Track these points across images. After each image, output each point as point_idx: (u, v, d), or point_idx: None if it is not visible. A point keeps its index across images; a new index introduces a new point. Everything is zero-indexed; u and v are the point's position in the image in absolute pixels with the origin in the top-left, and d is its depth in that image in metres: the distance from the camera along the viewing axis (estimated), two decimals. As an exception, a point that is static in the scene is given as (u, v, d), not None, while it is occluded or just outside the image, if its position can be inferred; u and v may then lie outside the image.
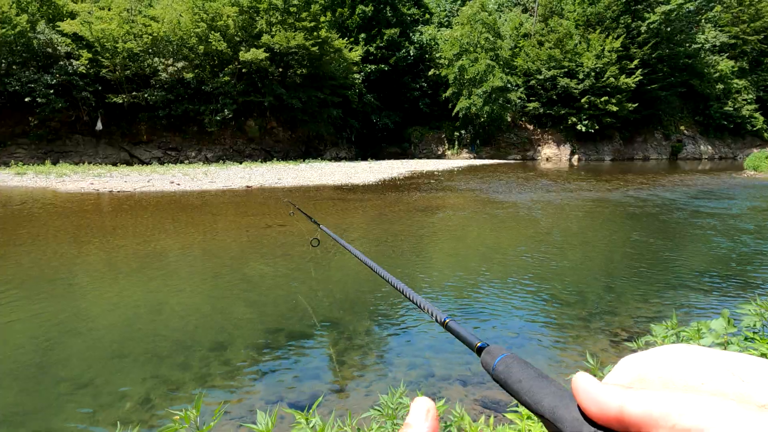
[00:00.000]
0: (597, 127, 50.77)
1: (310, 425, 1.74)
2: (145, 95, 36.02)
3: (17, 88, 32.54)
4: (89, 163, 32.66)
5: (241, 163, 36.13)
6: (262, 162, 37.11)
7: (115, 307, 6.39)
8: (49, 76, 33.45)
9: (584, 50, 50.39)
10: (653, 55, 50.94)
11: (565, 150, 52.69)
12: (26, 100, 32.73)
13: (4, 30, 31.54)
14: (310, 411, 1.90)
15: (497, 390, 3.99)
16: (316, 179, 24.24)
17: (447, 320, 0.54)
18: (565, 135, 52.87)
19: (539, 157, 52.78)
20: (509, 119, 52.48)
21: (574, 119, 50.93)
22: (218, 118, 37.68)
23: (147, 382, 4.40)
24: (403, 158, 48.43)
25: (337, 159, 44.91)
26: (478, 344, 0.46)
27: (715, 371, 0.34)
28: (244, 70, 38.37)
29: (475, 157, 50.66)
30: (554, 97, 51.41)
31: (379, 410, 2.04)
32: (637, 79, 49.21)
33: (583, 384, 0.33)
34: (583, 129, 50.77)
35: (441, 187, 21.91)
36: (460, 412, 2.12)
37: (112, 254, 9.25)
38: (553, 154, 52.76)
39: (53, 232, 11.34)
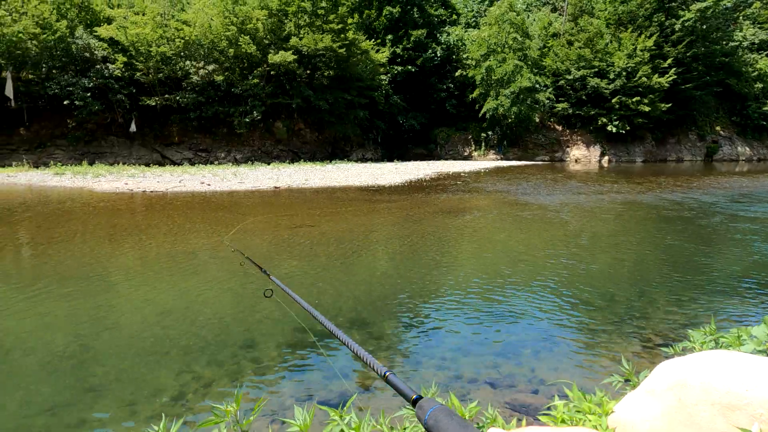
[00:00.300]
0: (628, 127, 49.63)
1: (345, 422, 1.76)
2: (177, 97, 36.89)
3: (57, 91, 33.78)
4: (123, 163, 33.61)
5: (269, 164, 36.63)
6: (289, 163, 37.55)
7: (148, 304, 6.56)
8: (86, 79, 34.62)
9: (615, 49, 49.34)
10: (688, 54, 49.53)
11: (595, 151, 51.71)
12: (65, 102, 33.96)
13: (45, 35, 32.76)
14: (344, 408, 1.93)
15: (527, 394, 3.96)
16: (343, 180, 24.39)
17: (387, 374, 0.59)
18: (594, 136, 51.89)
19: (568, 159, 51.93)
20: (537, 120, 51.82)
21: (605, 120, 49.93)
22: (247, 119, 38.31)
23: (181, 377, 4.51)
24: (430, 159, 48.30)
25: (364, 160, 45.10)
26: (414, 396, 0.47)
27: (759, 378, 0.34)
28: (272, 73, 38.90)
29: (502, 159, 50.17)
30: (584, 97, 50.53)
31: (410, 410, 2.06)
32: (671, 78, 47.91)
33: None
34: (614, 130, 49.70)
35: (467, 188, 21.78)
36: (492, 413, 2.12)
37: (145, 252, 9.51)
38: (582, 156, 51.84)
39: (90, 230, 11.72)
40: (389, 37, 50.04)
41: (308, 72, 40.28)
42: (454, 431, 0.40)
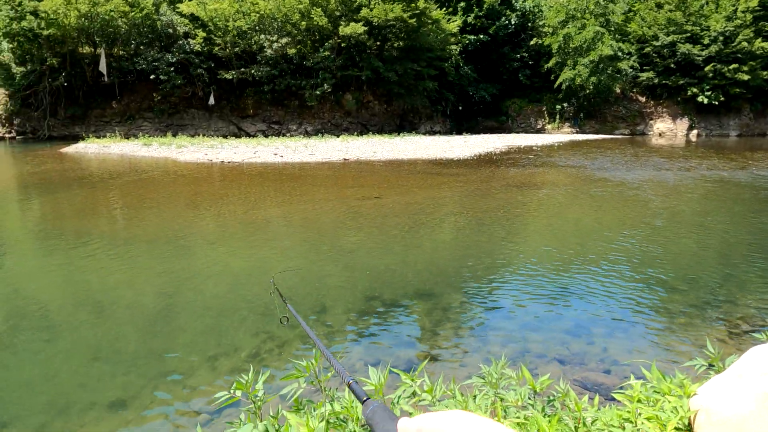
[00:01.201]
0: (722, 98, 45.29)
1: (417, 384, 1.82)
2: (252, 71, 38.11)
3: (144, 66, 36.01)
4: (203, 135, 35.40)
5: (338, 136, 37.20)
6: (358, 135, 37.91)
7: (226, 268, 6.99)
8: (169, 54, 36.59)
9: (712, 12, 44.85)
10: (799, 15, 44.12)
11: (682, 124, 47.91)
12: (151, 77, 36.15)
13: (133, 13, 34.80)
14: (416, 372, 1.98)
15: (599, 373, 3.86)
16: (411, 153, 24.33)
17: (350, 381, 0.69)
18: (682, 107, 47.96)
19: (651, 132, 48.52)
20: (618, 90, 48.59)
21: (695, 90, 45.87)
22: (318, 92, 38.92)
23: (257, 336, 4.80)
24: (500, 132, 46.92)
25: (432, 133, 44.64)
26: (364, 398, 0.60)
27: None
28: (343, 45, 39.07)
29: (577, 132, 47.77)
30: (672, 65, 46.56)
31: (482, 378, 2.08)
32: (777, 42, 43.02)
33: (402, 421, 0.49)
34: (705, 101, 45.61)
35: (539, 162, 21.04)
36: (564, 387, 2.10)
37: (223, 219, 10.07)
38: (667, 129, 48.25)
39: (174, 197, 12.55)
40: (461, 5, 48.43)
41: (378, 43, 40.05)
42: (381, 418, 0.52)
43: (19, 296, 5.93)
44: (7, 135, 36.19)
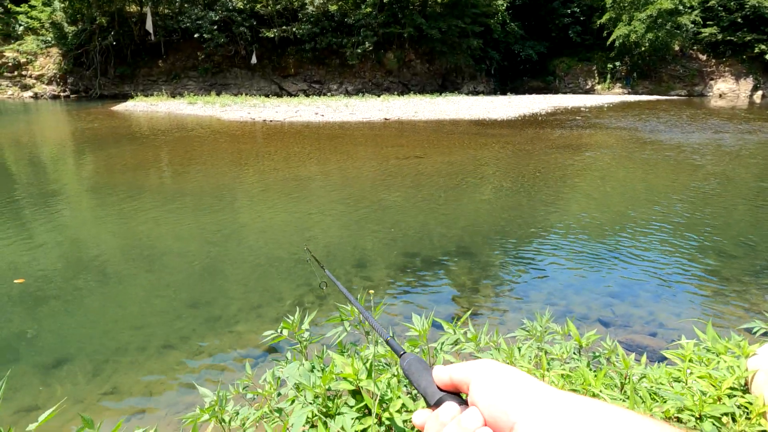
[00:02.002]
0: (794, 56, 41.83)
1: (461, 332, 1.82)
2: (294, 29, 37.79)
3: (188, 24, 36.28)
4: (246, 94, 35.70)
5: (379, 96, 36.74)
6: (399, 95, 37.33)
7: (268, 223, 7.14)
8: (213, 12, 36.64)
9: (789, -41, 40.88)
10: None
11: (746, 84, 44.70)
12: (195, 36, 36.42)
13: (176, -30, 34.82)
14: (459, 322, 1.98)
15: (644, 335, 3.77)
16: (453, 113, 23.82)
17: (387, 338, 0.71)
18: (747, 66, 44.61)
19: (710, 93, 45.55)
20: (676, 48, 45.54)
21: (763, 47, 42.43)
22: (359, 50, 38.32)
23: (299, 288, 4.92)
24: (546, 93, 45.15)
25: (475, 93, 43.43)
26: (401, 352, 0.63)
27: None
28: (385, 1, 38.02)
29: (629, 93, 45.39)
30: (739, 20, 43.05)
31: (526, 331, 2.06)
32: None
33: (435, 369, 0.52)
34: (774, 59, 42.24)
35: (587, 124, 20.20)
36: (611, 344, 2.05)
37: (265, 176, 10.23)
38: (728, 90, 45.17)
39: (218, 154, 12.81)
40: (510, -44, 45.99)
41: (421, -1, 38.79)
42: (416, 369, 0.56)
43: (78, 245, 6.27)
44: (62, 93, 37.58)
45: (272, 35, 37.61)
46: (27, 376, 3.46)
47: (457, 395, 0.49)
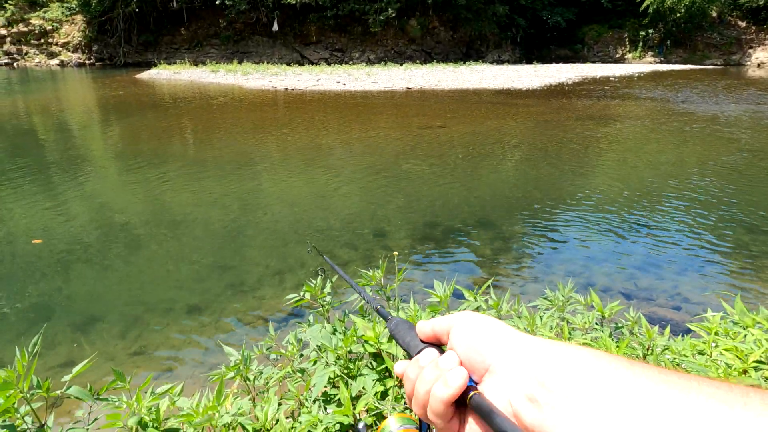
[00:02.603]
0: (842, 23, 39.51)
1: (483, 299, 1.82)
2: (315, -5, 37.14)
3: (209, -9, 35.97)
4: (267, 62, 35.49)
5: (401, 64, 36.13)
6: (421, 64, 36.64)
7: (288, 191, 7.18)
8: (234, -22, 36.18)
9: None
10: None
11: (788, 54, 42.52)
12: (217, 2, 36.10)
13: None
14: (479, 292, 1.97)
15: (668, 309, 3.73)
16: (476, 83, 23.33)
17: (377, 306, 0.74)
18: (791, 34, 42.35)
19: (748, 62, 43.50)
20: (714, 14, 43.40)
21: (809, 13, 40.14)
22: (381, 17, 37.54)
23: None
24: (574, 62, 43.74)
25: (500, 62, 42.35)
26: (388, 317, 0.65)
27: None
28: (409, -35, 37.00)
29: (662, 62, 43.68)
30: (784, -16, 40.69)
31: (548, 300, 2.05)
32: None
33: (418, 324, 0.53)
34: (820, 26, 39.98)
35: (616, 94, 19.58)
36: (634, 315, 2.03)
37: (286, 145, 10.24)
38: (768, 59, 43.08)
39: (240, 122, 12.85)
40: None
41: (446, -37, 37.56)
42: (402, 328, 0.58)
43: (105, 210, 6.42)
44: (87, 61, 37.92)
45: (294, 2, 37.02)
46: (60, 334, 3.61)
47: (437, 346, 0.52)
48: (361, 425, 0.69)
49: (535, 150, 9.76)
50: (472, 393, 0.42)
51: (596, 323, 2.07)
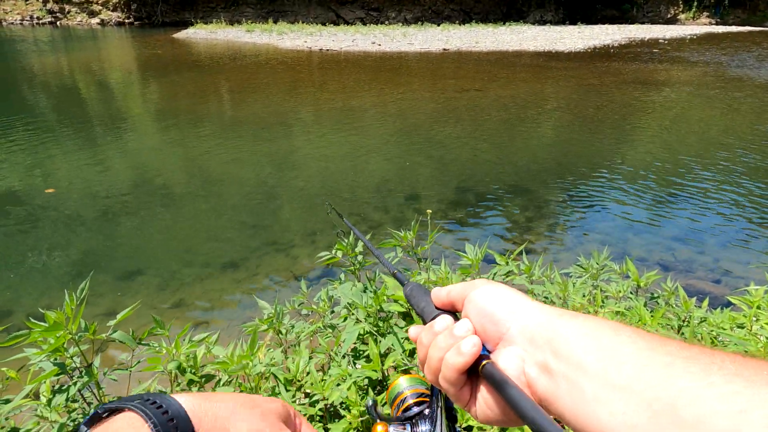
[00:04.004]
0: None
1: (515, 264, 1.80)
2: (352, -49, 36.12)
3: (245, -53, 35.36)
4: (302, 22, 35.07)
5: (438, 25, 35.10)
6: (459, 24, 35.50)
7: (322, 154, 7.19)
8: (269, -66, 35.43)
9: None
10: None
11: None
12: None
13: None
14: (511, 257, 1.95)
15: (707, 282, 3.62)
16: (516, 44, 22.49)
17: (394, 271, 0.73)
18: None
19: (814, 25, 40.32)
20: (781, -29, 40.13)
21: None
22: (419, -25, 36.33)
23: (351, 218, 5.01)
24: (621, 23, 41.51)
25: (542, 22, 40.60)
26: (405, 281, 0.64)
27: None
28: None
29: (717, 23, 40.97)
30: None
31: (582, 268, 2.01)
32: None
33: (433, 290, 0.54)
34: None
35: (665, 58, 18.56)
36: (671, 286, 1.98)
37: (320, 106, 10.21)
38: (837, 21, 39.81)
39: (275, 83, 12.84)
40: None
41: None
42: (417, 293, 0.58)
43: (144, 168, 6.60)
44: (126, 21, 38.31)
45: (330, -42, 36.18)
46: (103, 285, 3.79)
47: (452, 313, 0.51)
48: (369, 402, 0.70)
49: (574, 115, 9.42)
50: (485, 362, 0.42)
51: (630, 292, 2.03)
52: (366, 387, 1.49)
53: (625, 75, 14.14)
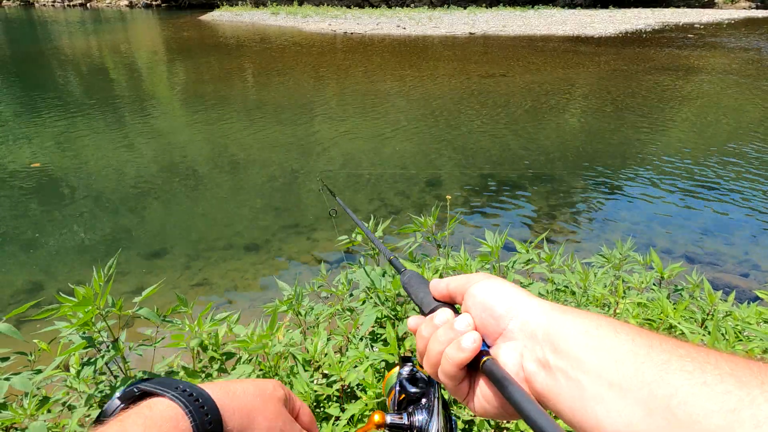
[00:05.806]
0: None
1: (535, 252, 1.79)
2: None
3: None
4: (327, 4, 34.83)
5: (465, 8, 34.46)
6: (486, 7, 34.79)
7: (344, 137, 7.19)
8: None
9: None
10: None
11: None
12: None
13: None
14: (532, 245, 1.93)
15: (735, 275, 3.53)
16: (544, 28, 21.97)
17: (390, 257, 0.73)
18: None
19: None
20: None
21: None
22: (447, -44, 35.63)
23: (372, 203, 5.02)
24: (655, 7, 40.08)
25: (572, 6, 39.48)
26: (402, 269, 0.64)
27: None
28: None
29: (759, 7, 39.22)
30: None
31: (604, 258, 1.98)
32: None
33: (432, 281, 0.54)
34: None
35: (700, 43, 17.90)
36: (696, 278, 1.93)
37: (344, 90, 10.18)
38: None
39: (299, 66, 12.84)
40: None
41: None
42: (415, 283, 0.57)
43: (169, 150, 6.71)
44: (153, 2, 38.65)
45: (356, -61, 35.73)
46: (129, 263, 3.90)
47: (451, 306, 0.51)
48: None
49: (602, 102, 9.20)
50: (485, 358, 0.42)
51: (654, 284, 1.99)
52: (383, 370, 1.51)
53: (658, 61, 13.70)
